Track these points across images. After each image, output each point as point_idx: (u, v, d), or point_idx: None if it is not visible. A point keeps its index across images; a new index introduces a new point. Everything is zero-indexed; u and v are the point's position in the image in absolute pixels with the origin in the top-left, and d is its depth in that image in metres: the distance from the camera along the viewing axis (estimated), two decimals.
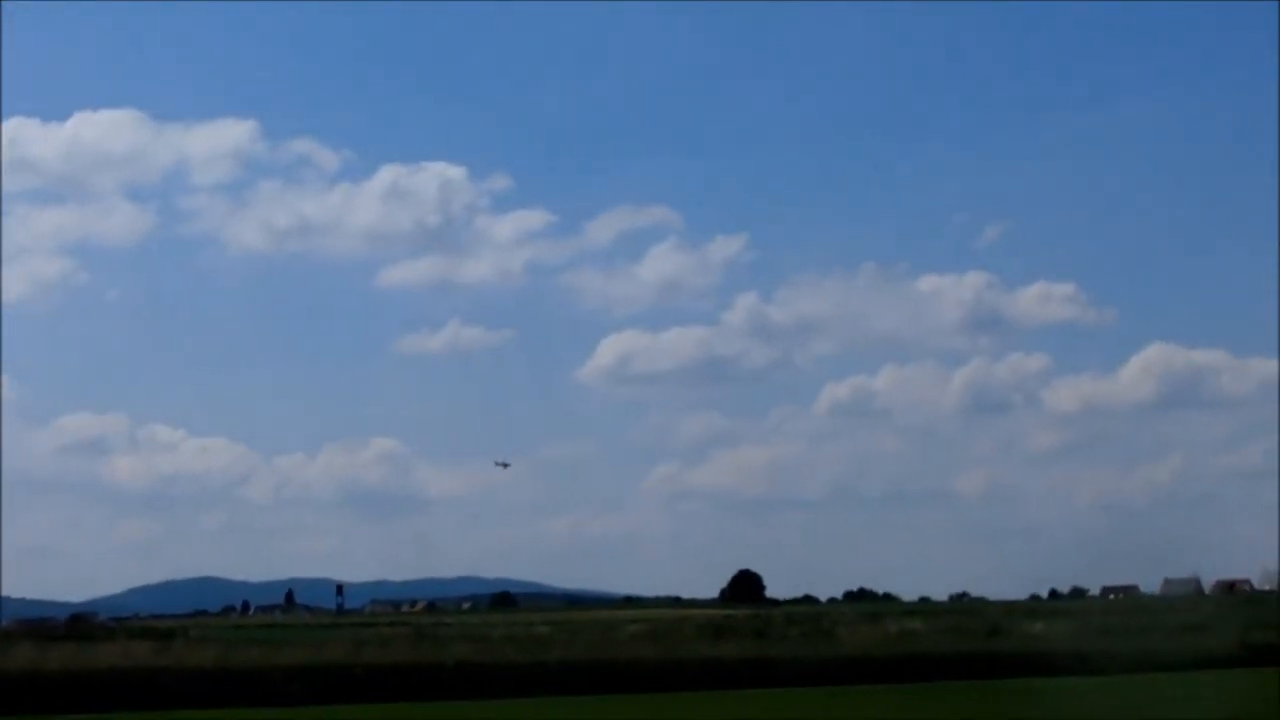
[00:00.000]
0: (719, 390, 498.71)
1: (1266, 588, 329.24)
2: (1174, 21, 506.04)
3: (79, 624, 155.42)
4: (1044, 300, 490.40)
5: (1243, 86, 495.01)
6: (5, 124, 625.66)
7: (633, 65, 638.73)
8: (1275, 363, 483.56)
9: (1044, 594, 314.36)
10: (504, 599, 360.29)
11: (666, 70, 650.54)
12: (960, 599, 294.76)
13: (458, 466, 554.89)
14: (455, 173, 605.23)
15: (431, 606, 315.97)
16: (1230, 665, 77.28)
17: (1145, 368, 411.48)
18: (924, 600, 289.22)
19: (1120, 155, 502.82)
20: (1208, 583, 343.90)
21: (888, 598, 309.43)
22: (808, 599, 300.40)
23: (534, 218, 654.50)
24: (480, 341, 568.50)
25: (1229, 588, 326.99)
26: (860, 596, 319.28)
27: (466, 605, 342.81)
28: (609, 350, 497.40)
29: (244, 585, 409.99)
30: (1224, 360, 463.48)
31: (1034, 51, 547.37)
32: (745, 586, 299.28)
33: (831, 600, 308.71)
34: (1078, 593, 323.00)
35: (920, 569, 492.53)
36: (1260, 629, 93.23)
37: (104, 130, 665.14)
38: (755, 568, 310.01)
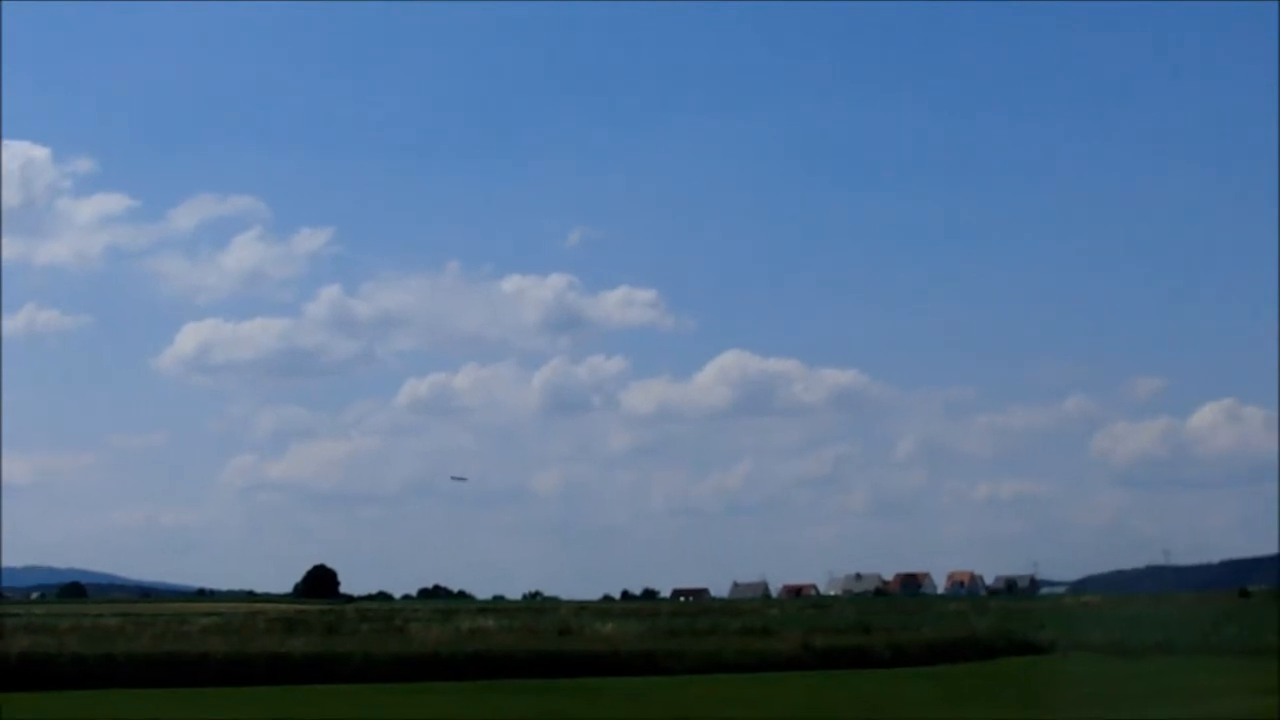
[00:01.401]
0: (299, 382, 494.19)
1: (832, 592, 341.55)
2: (750, 41, 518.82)
3: None
4: (625, 304, 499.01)
5: (812, 108, 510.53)
6: None
7: (227, 53, 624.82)
8: (845, 373, 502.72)
9: (616, 594, 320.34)
10: (74, 589, 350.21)
11: (262, 60, 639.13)
12: (533, 598, 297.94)
13: (28, 453, 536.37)
14: (39, 153, 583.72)
15: None
16: (793, 667, 79.00)
17: (720, 374, 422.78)
18: (498, 598, 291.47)
19: (705, 168, 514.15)
20: (775, 587, 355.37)
21: (462, 595, 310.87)
22: (382, 595, 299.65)
23: (116, 201, 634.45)
24: (57, 325, 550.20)
25: (796, 592, 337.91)
26: (435, 594, 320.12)
27: (35, 595, 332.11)
28: (189, 338, 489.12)
29: None
30: (796, 369, 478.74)
31: (631, 60, 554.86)
32: (320, 582, 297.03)
33: (406, 597, 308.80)
34: (649, 594, 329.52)
35: (495, 567, 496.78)
36: (823, 632, 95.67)
37: None
38: (331, 563, 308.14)
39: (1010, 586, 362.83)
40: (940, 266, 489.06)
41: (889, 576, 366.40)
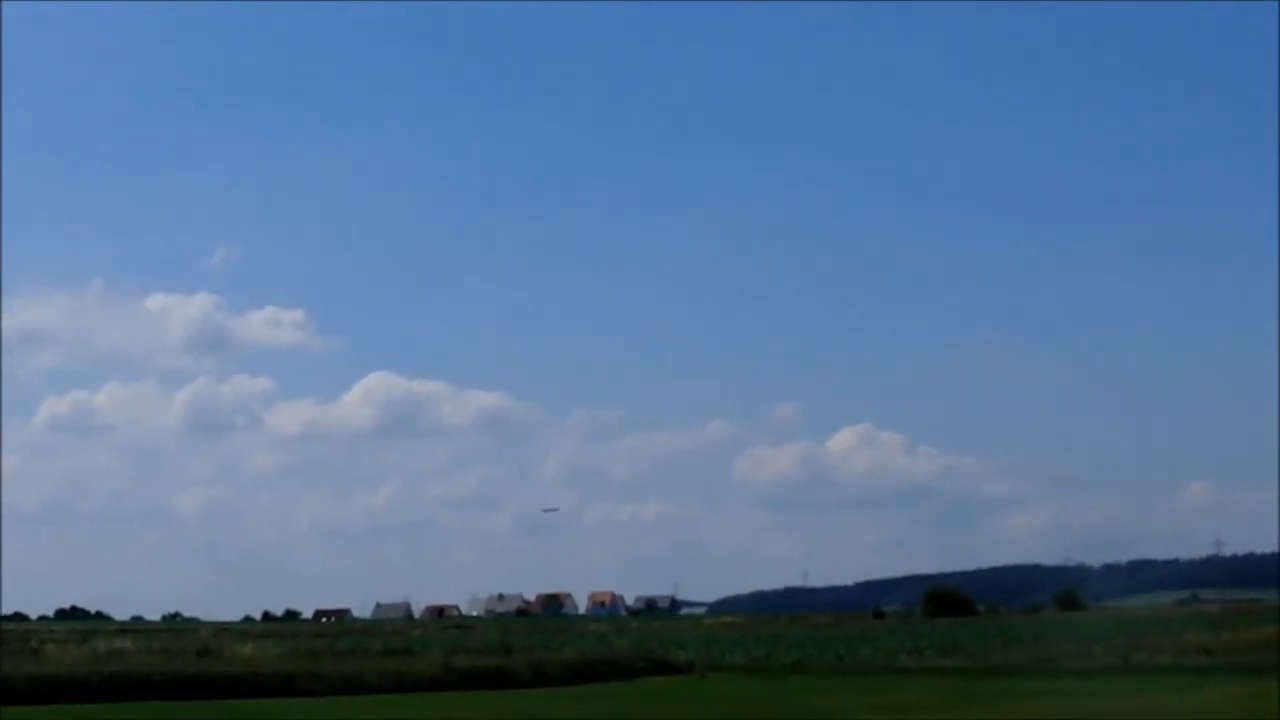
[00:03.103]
0: None
1: (474, 613, 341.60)
2: (395, 54, 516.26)
3: None
4: (273, 324, 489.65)
5: (457, 125, 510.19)
6: None
7: None
8: (491, 394, 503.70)
9: (257, 615, 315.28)
10: None
11: None
12: (173, 619, 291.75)
13: None
14: None
15: None
16: (434, 688, 78.96)
17: (367, 395, 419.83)
18: (136, 619, 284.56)
19: (354, 186, 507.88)
20: (418, 607, 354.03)
21: (100, 616, 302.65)
22: (18, 616, 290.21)
23: None
24: None
25: (439, 612, 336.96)
26: (72, 614, 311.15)
27: None
28: None
29: None
30: (443, 390, 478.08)
31: (276, 71, 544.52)
32: None
33: (42, 618, 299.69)
34: (291, 615, 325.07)
35: (135, 588, 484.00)
36: (465, 653, 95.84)
37: None
38: None
39: (651, 607, 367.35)
40: (585, 287, 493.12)
41: (531, 597, 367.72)
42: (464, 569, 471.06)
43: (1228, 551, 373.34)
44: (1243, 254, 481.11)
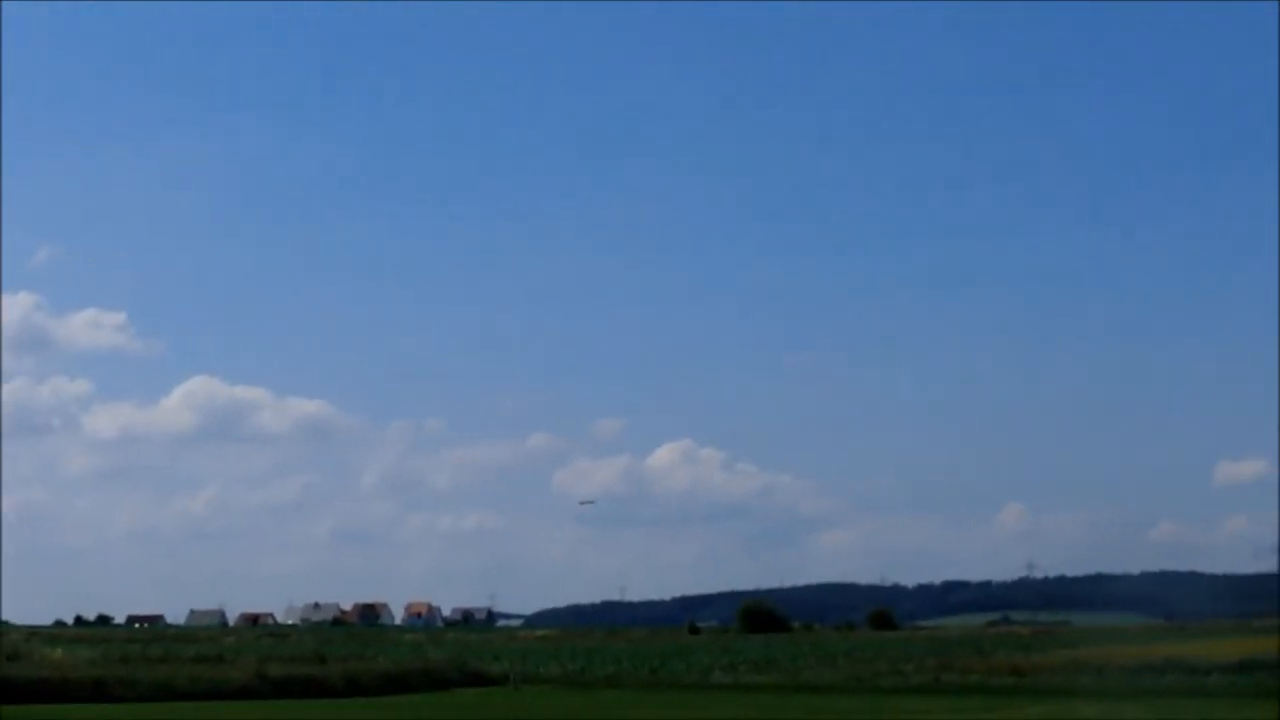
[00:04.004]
0: None
1: (290, 621, 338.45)
2: (207, 56, 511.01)
3: None
4: (93, 326, 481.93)
5: (279, 129, 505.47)
6: None
7: None
8: (313, 403, 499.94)
9: (69, 620, 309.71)
10: None
11: None
12: None
13: None
14: None
15: None
16: (246, 696, 78.39)
17: (187, 399, 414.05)
18: None
19: (177, 188, 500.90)
20: (233, 615, 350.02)
21: None
22: None
23: None
24: None
25: (253, 620, 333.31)
26: None
27: None
28: None
29: None
30: (264, 397, 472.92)
31: (97, 71, 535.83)
32: None
33: None
34: (103, 620, 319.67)
35: None
36: (279, 661, 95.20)
37: None
38: None
39: (467, 618, 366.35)
40: (409, 298, 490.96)
41: (347, 606, 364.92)
42: (281, 577, 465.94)
43: (1039, 574, 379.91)
44: (1057, 278, 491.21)
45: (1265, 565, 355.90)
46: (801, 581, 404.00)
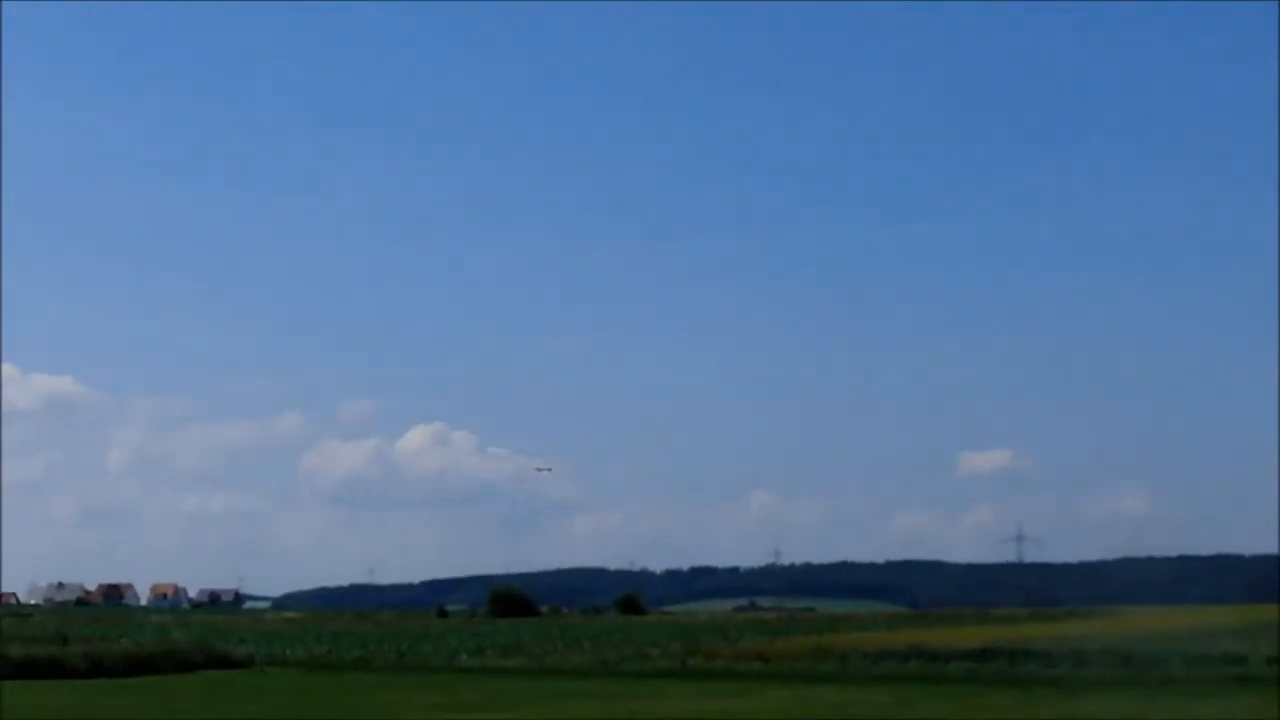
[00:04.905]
0: None
1: (33, 601, 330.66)
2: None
3: None
4: None
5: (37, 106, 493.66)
6: None
7: None
8: (59, 379, 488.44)
9: None
10: None
11: None
12: None
13: None
14: None
15: None
16: None
17: None
18: None
19: None
20: None
21: None
22: None
23: None
24: None
25: None
26: None
27: None
28: None
29: None
30: (9, 372, 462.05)
31: None
32: None
33: None
34: None
35: None
36: (20, 642, 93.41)
37: None
38: None
39: (214, 599, 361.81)
40: (157, 275, 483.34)
41: (92, 586, 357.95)
42: (23, 556, 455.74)
43: (785, 561, 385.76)
44: (802, 269, 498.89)
45: (1006, 555, 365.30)
46: (552, 566, 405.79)
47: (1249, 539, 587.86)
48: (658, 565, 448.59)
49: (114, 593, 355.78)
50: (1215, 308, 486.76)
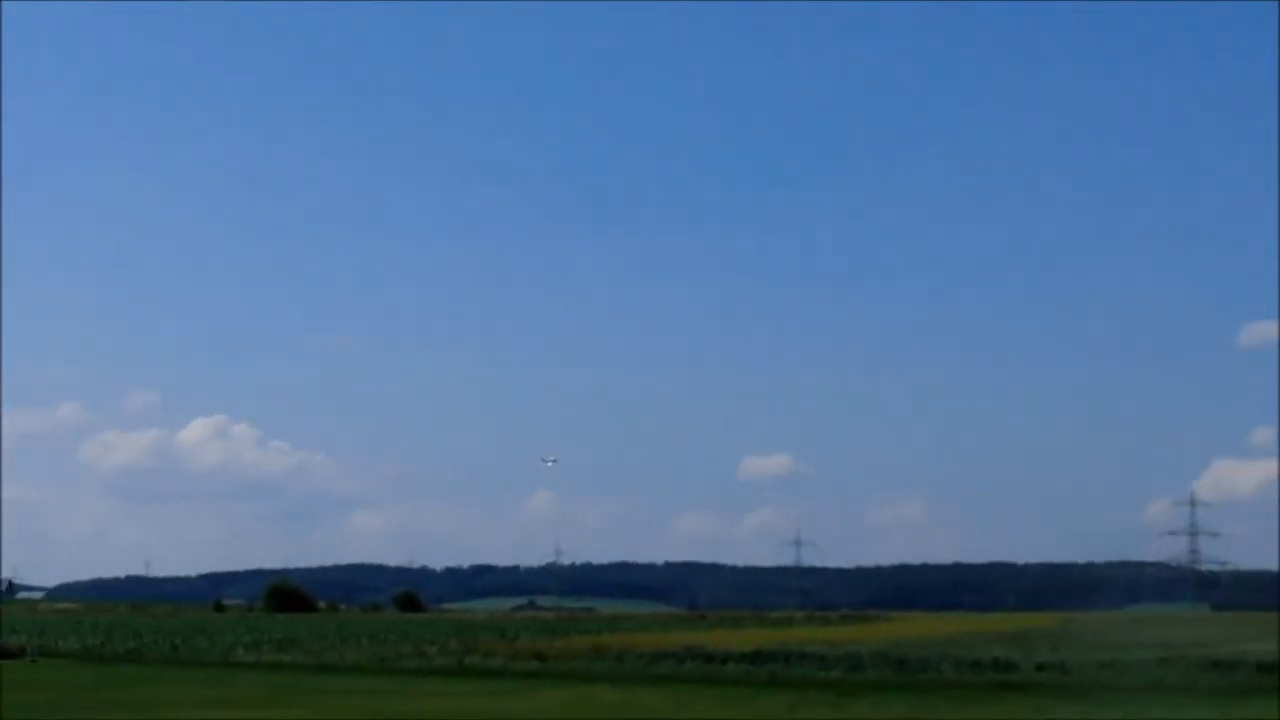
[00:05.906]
0: None
1: None
2: None
3: None
4: None
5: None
6: None
7: None
8: None
9: None
10: None
11: None
12: None
13: None
14: None
15: None
16: None
17: None
18: None
19: None
20: None
21: None
22: None
23: None
24: None
25: None
26: None
27: None
28: None
29: None
30: None
31: None
32: None
33: None
34: None
35: None
36: None
37: None
38: None
39: None
40: None
41: None
42: None
43: (566, 561, 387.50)
44: (580, 275, 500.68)
45: (785, 559, 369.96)
46: (331, 561, 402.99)
47: (1023, 548, 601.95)
48: (438, 563, 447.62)
49: None
50: (976, 318, 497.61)
